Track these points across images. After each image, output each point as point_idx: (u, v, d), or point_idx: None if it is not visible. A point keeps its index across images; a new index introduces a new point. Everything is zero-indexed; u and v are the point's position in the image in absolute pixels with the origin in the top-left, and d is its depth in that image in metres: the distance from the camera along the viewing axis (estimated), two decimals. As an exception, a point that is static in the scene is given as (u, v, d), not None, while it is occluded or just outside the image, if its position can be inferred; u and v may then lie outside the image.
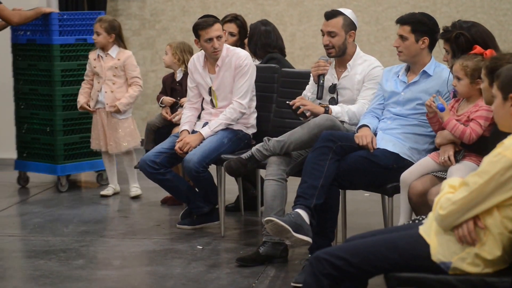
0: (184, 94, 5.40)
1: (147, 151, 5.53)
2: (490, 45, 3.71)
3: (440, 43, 3.99)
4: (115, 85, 5.70)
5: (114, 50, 5.71)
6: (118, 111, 5.69)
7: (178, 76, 5.59)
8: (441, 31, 3.90)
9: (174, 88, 5.61)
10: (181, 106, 5.46)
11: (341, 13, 4.32)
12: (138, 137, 5.84)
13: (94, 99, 5.75)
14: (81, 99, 5.79)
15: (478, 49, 3.62)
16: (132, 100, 5.73)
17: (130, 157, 5.83)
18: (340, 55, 4.34)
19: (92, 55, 5.77)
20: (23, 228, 5.08)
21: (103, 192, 5.84)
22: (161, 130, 5.53)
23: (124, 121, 5.76)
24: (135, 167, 5.68)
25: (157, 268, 4.22)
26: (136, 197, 5.76)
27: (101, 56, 5.70)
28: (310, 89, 4.43)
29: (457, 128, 3.59)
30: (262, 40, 5.38)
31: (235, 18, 5.56)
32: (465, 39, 3.73)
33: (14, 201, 5.79)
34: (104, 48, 5.70)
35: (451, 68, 3.74)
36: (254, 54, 5.45)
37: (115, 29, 5.68)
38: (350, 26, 4.32)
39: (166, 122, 5.51)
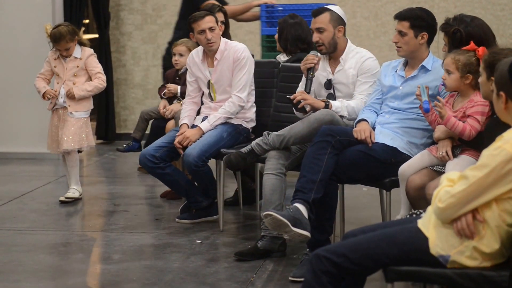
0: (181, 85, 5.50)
1: (133, 138, 5.57)
2: (486, 41, 3.70)
3: (438, 38, 4.00)
4: (75, 85, 5.47)
5: (77, 51, 5.50)
6: (73, 97, 5.39)
7: (182, 70, 5.60)
8: (442, 22, 3.90)
9: (176, 83, 5.63)
10: (177, 98, 5.48)
11: (327, 9, 4.37)
12: (82, 140, 5.49)
13: (53, 100, 5.49)
14: (44, 86, 5.47)
15: (471, 45, 3.62)
16: (90, 88, 5.43)
17: (71, 158, 5.53)
18: (332, 51, 4.36)
19: (52, 55, 5.54)
20: (24, 222, 5.09)
21: (63, 198, 5.49)
22: (155, 123, 5.54)
23: (75, 120, 5.46)
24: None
25: (156, 262, 4.23)
26: (67, 200, 5.47)
27: (72, 57, 5.48)
28: (301, 85, 4.43)
29: (457, 126, 3.58)
30: (292, 33, 5.35)
31: (220, 8, 5.57)
32: (460, 36, 3.73)
33: (14, 195, 5.80)
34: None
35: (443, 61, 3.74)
36: (285, 49, 5.42)
37: (75, 33, 5.49)
38: (338, 21, 4.35)
39: (160, 115, 5.54)
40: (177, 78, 5.63)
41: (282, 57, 5.44)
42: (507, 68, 2.64)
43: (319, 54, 4.37)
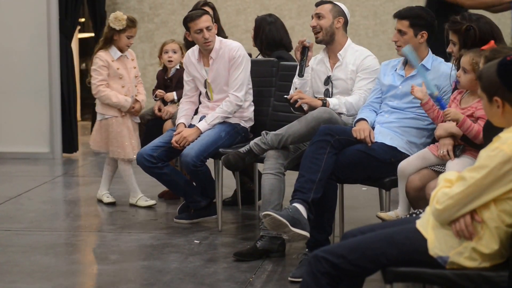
0: (173, 89, 5.46)
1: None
2: (497, 38, 3.67)
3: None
4: (136, 87, 5.35)
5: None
6: (140, 109, 5.33)
7: (172, 72, 5.58)
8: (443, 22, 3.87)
9: (166, 85, 5.60)
10: (173, 102, 5.46)
11: (331, 2, 4.40)
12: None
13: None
14: (127, 99, 5.19)
15: (492, 45, 3.55)
16: (145, 98, 5.42)
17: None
18: (328, 41, 4.35)
19: (106, 56, 5.22)
20: (20, 222, 5.06)
21: (148, 203, 5.34)
22: (151, 123, 5.51)
23: (139, 125, 5.41)
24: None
25: (154, 263, 4.21)
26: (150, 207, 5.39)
27: (126, 56, 5.29)
28: (295, 81, 4.44)
29: (472, 129, 3.51)
30: (267, 34, 5.31)
31: (206, 2, 5.55)
32: (475, 33, 3.69)
33: (11, 195, 5.76)
34: (123, 48, 5.28)
35: (457, 59, 3.66)
36: (260, 50, 5.40)
37: None
38: (339, 12, 4.38)
39: (156, 115, 5.51)
40: (168, 80, 5.59)
41: (261, 57, 5.43)
42: (495, 73, 2.61)
43: (311, 41, 4.37)
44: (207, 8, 5.47)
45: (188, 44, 5.48)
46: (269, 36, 5.33)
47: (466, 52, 3.61)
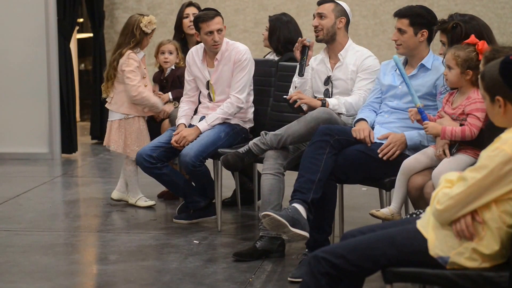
0: (169, 89, 5.44)
1: None
2: (486, 38, 3.67)
3: (437, 37, 3.97)
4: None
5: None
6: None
7: (167, 72, 5.57)
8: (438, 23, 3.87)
9: (163, 86, 5.58)
10: (169, 101, 5.45)
11: (333, 0, 4.39)
12: None
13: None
14: (160, 100, 5.25)
15: (472, 38, 3.58)
16: None
17: None
18: (328, 40, 4.35)
19: (137, 57, 5.23)
20: (19, 222, 5.05)
21: (148, 204, 5.32)
22: (149, 124, 5.50)
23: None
24: None
25: (153, 263, 4.20)
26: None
27: (145, 57, 5.34)
28: (295, 80, 4.44)
29: (456, 133, 3.53)
30: (285, 34, 5.29)
31: (191, 3, 5.54)
32: (461, 29, 3.69)
33: (9, 195, 5.76)
34: (144, 48, 5.32)
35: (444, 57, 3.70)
36: (275, 49, 5.37)
37: None
38: (341, 12, 4.38)
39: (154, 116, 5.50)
40: (164, 81, 5.58)
41: (271, 57, 5.41)
42: (497, 72, 2.62)
43: (311, 40, 4.36)
44: (191, 8, 5.47)
45: (183, 44, 5.48)
46: (287, 35, 5.31)
47: (447, 50, 3.63)
